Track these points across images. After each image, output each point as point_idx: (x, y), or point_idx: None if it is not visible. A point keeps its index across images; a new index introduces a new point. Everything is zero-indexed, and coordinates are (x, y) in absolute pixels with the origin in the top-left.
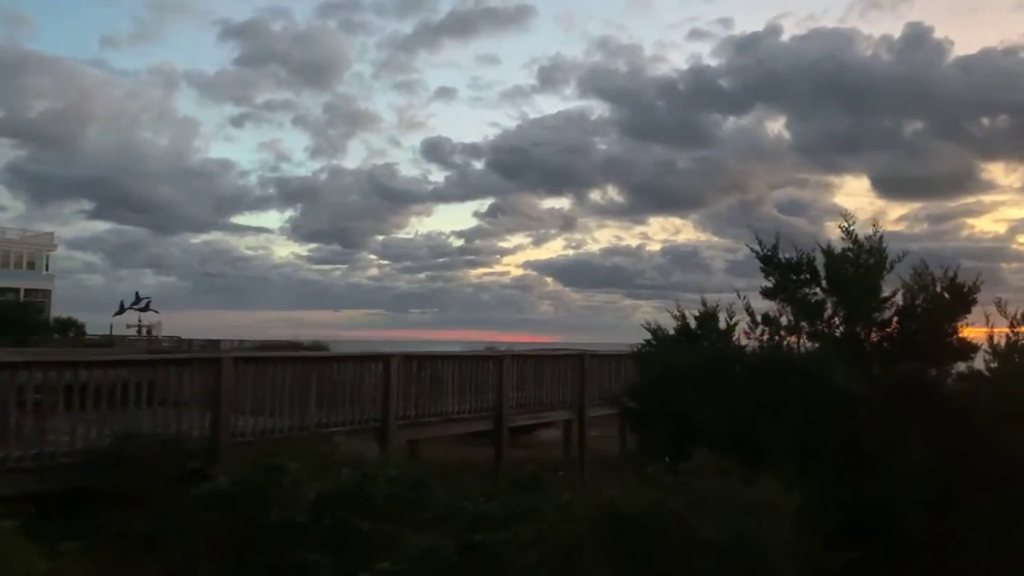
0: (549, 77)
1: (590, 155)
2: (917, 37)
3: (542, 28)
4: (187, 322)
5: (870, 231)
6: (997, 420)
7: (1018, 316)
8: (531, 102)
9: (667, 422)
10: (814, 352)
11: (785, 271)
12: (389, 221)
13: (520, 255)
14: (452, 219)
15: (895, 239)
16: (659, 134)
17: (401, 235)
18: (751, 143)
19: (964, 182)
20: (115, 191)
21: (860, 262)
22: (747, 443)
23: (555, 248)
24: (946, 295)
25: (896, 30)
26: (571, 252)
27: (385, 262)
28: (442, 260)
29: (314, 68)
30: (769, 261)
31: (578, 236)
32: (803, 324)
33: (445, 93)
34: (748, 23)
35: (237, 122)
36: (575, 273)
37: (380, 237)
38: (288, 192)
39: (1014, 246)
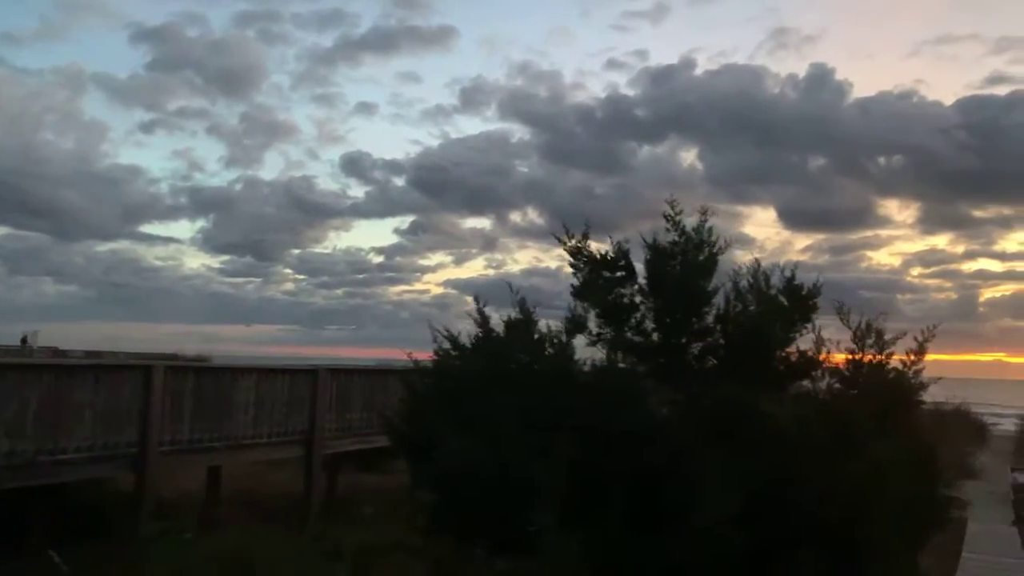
0: (470, 98)
1: (511, 177)
2: (820, 77)
3: (464, 49)
4: (85, 334)
5: (697, 219)
6: (831, 456)
7: (863, 326)
8: (452, 122)
9: (429, 456)
10: (607, 367)
11: (597, 266)
12: (306, 235)
13: (441, 273)
14: (372, 235)
15: (799, 269)
16: (577, 159)
17: (318, 249)
18: (665, 171)
19: (863, 216)
20: (13, 194)
21: (688, 257)
22: (508, 485)
23: (476, 267)
24: (782, 299)
25: (801, 70)
26: (492, 272)
27: (301, 277)
28: (361, 276)
29: (230, 76)
30: (578, 254)
31: (499, 256)
32: (607, 331)
33: (365, 108)
34: (663, 56)
35: (148, 128)
36: (495, 292)
37: (296, 251)
38: (200, 202)
39: (907, 278)
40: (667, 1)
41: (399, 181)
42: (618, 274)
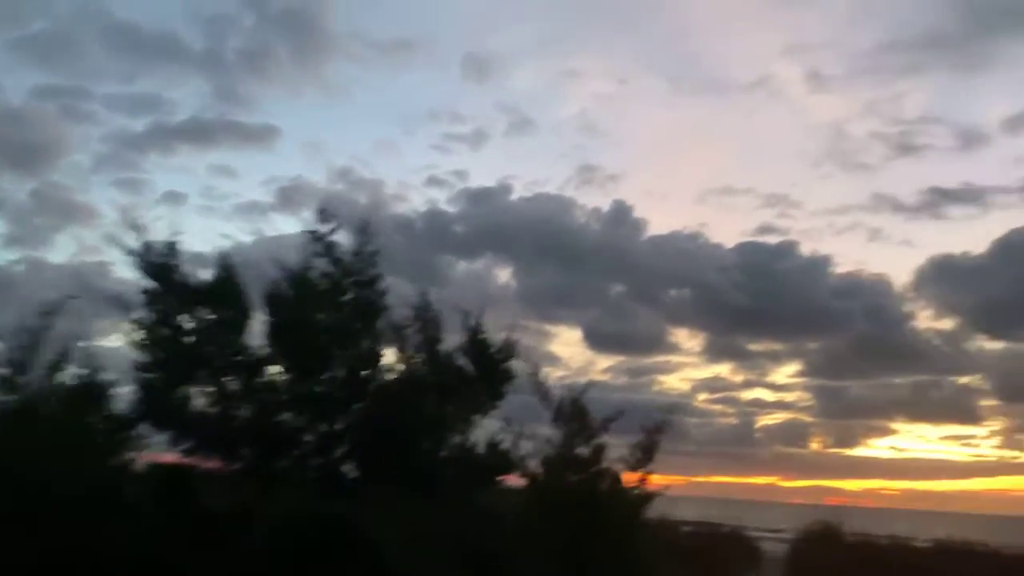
0: (289, 198)
1: None
2: (620, 213)
3: (286, 150)
4: None
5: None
6: None
7: (567, 404)
8: (268, 219)
9: None
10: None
11: (189, 297)
12: (95, 326)
13: None
14: None
15: (601, 389)
16: (396, 268)
17: (106, 343)
18: (481, 287)
19: (657, 343)
20: None
21: (336, 290)
22: None
23: None
24: (459, 365)
25: (604, 204)
26: None
27: (86, 371)
28: None
29: (22, 150)
30: (162, 274)
31: None
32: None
33: (174, 197)
34: (481, 179)
35: None
36: None
37: (81, 343)
38: None
39: (695, 403)
40: (486, 129)
41: (204, 274)
42: (228, 313)
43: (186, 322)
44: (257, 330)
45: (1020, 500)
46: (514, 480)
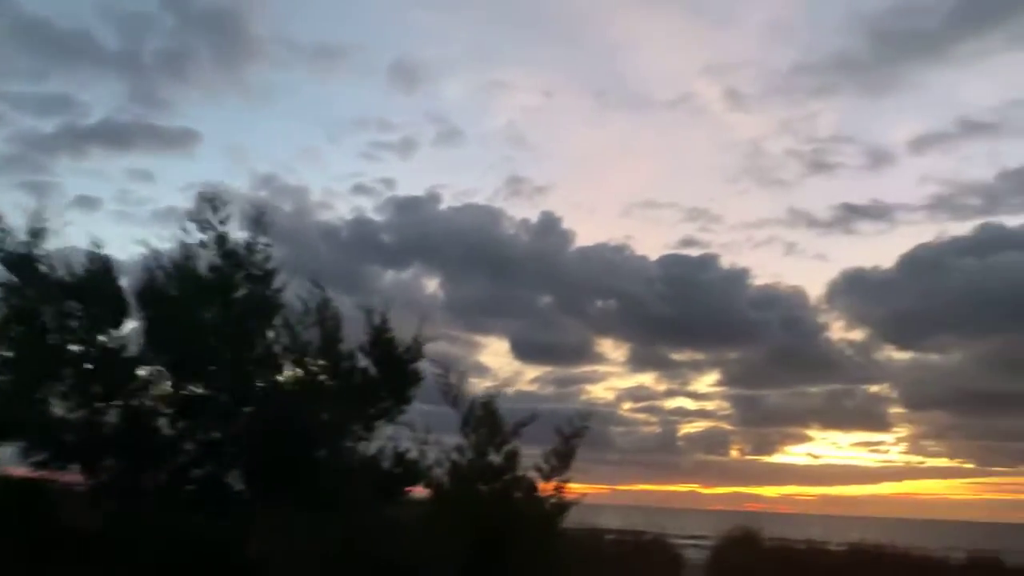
0: (209, 204)
1: None
2: (549, 224)
3: (207, 156)
4: None
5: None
6: None
7: (476, 405)
8: (187, 226)
9: None
10: None
11: (52, 291)
12: None
13: (161, 385)
14: None
15: (528, 399)
16: (320, 276)
17: (5, 353)
18: (409, 297)
19: (583, 353)
20: None
21: (226, 284)
22: None
23: None
24: (362, 368)
25: (533, 216)
26: None
27: None
28: None
29: None
30: (20, 265)
31: None
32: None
33: (86, 202)
34: (409, 187)
35: None
36: None
37: None
38: None
39: (620, 412)
40: (414, 137)
41: (120, 282)
42: (94, 310)
43: (49, 319)
44: (134, 329)
45: (924, 503)
46: (422, 491)
